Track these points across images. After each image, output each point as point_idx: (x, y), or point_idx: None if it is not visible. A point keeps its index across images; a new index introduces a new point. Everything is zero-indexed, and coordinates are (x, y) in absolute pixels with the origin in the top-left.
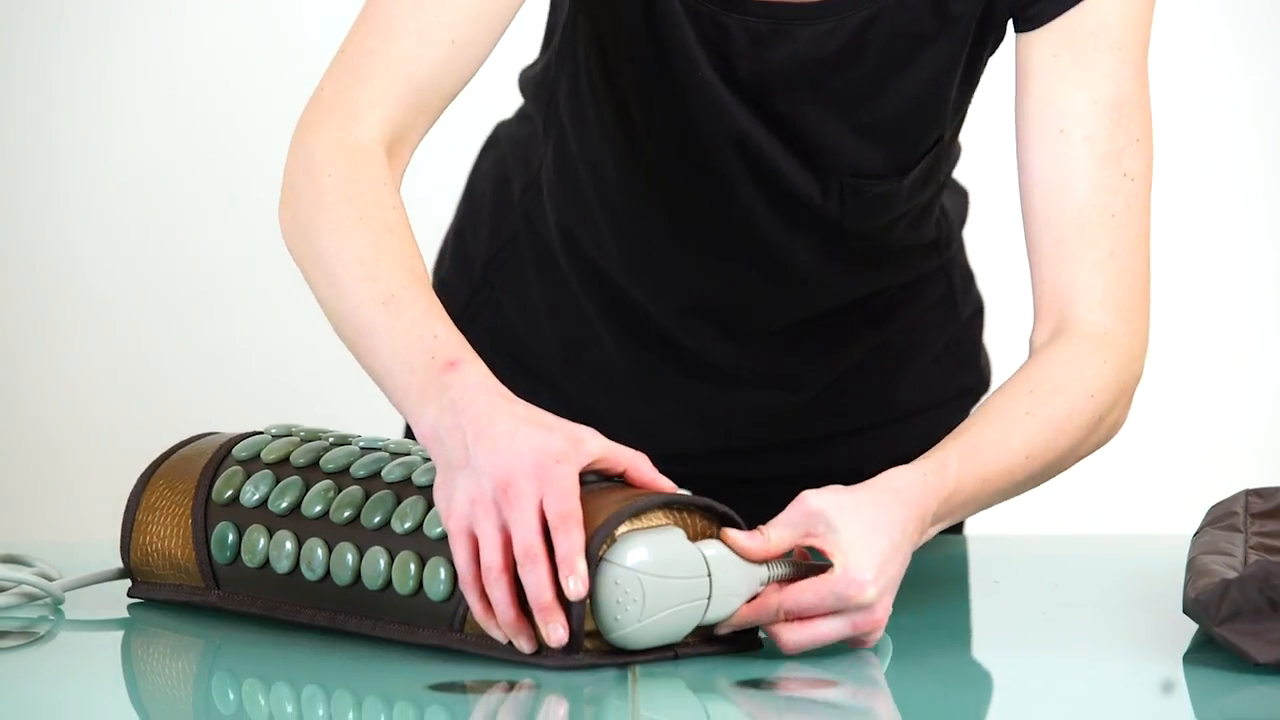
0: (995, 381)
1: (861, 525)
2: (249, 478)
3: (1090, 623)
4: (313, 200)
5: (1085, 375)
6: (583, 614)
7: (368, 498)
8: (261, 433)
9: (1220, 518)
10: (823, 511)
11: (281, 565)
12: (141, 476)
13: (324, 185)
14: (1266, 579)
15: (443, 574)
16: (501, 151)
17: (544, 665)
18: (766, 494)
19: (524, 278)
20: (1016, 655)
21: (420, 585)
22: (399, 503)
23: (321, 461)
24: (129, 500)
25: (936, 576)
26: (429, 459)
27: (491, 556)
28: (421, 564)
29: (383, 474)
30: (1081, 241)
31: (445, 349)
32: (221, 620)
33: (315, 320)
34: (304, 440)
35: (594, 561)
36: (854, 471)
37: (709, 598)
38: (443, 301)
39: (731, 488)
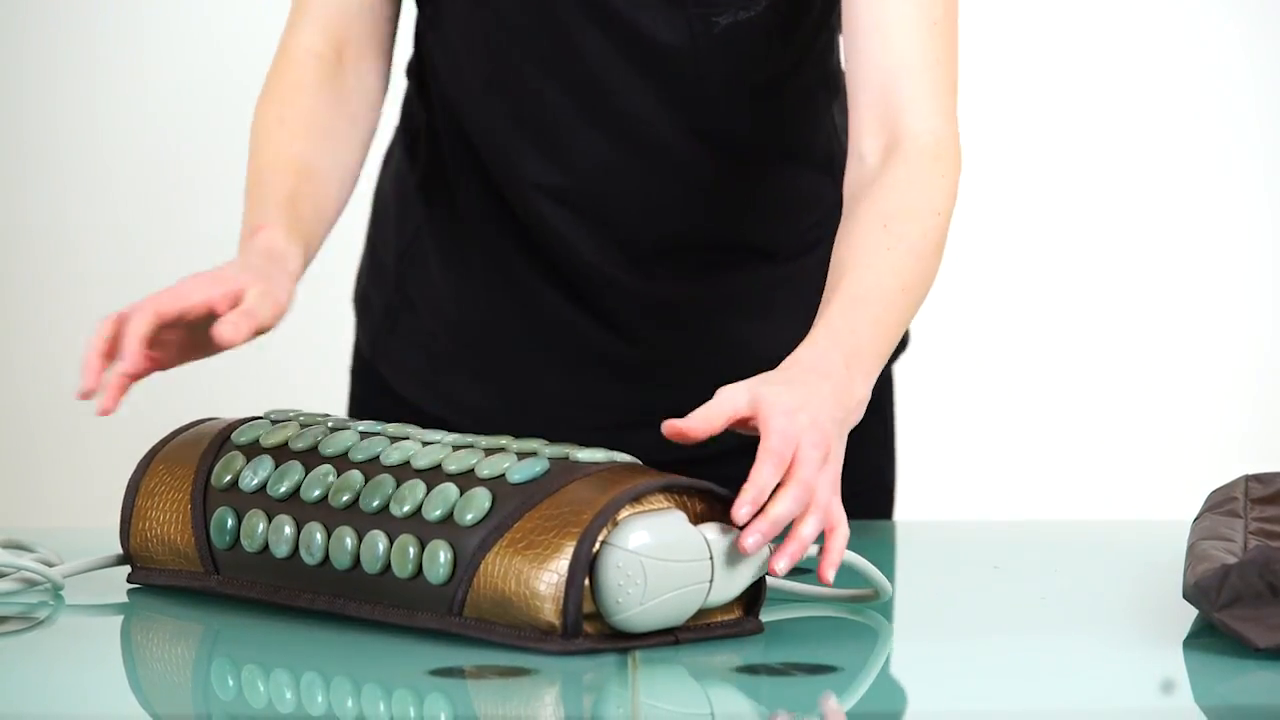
0: (912, 348)
1: (781, 390)
2: (248, 463)
3: (1090, 608)
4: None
5: (930, 195)
6: (580, 599)
7: (366, 481)
8: (260, 418)
9: (1220, 503)
10: (743, 390)
11: (280, 550)
12: (141, 462)
13: (262, 90)
14: (1266, 564)
15: (442, 558)
16: (395, 154)
17: (544, 650)
18: (722, 473)
19: (431, 269)
20: (1016, 640)
21: (419, 569)
22: (398, 486)
23: (320, 446)
24: (128, 486)
25: (936, 561)
26: (429, 442)
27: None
28: (421, 547)
29: (381, 458)
30: (908, 48)
31: (255, 217)
32: (220, 605)
33: (309, 311)
34: (303, 426)
35: (595, 545)
36: None
37: (711, 580)
38: (362, 314)
39: (678, 469)
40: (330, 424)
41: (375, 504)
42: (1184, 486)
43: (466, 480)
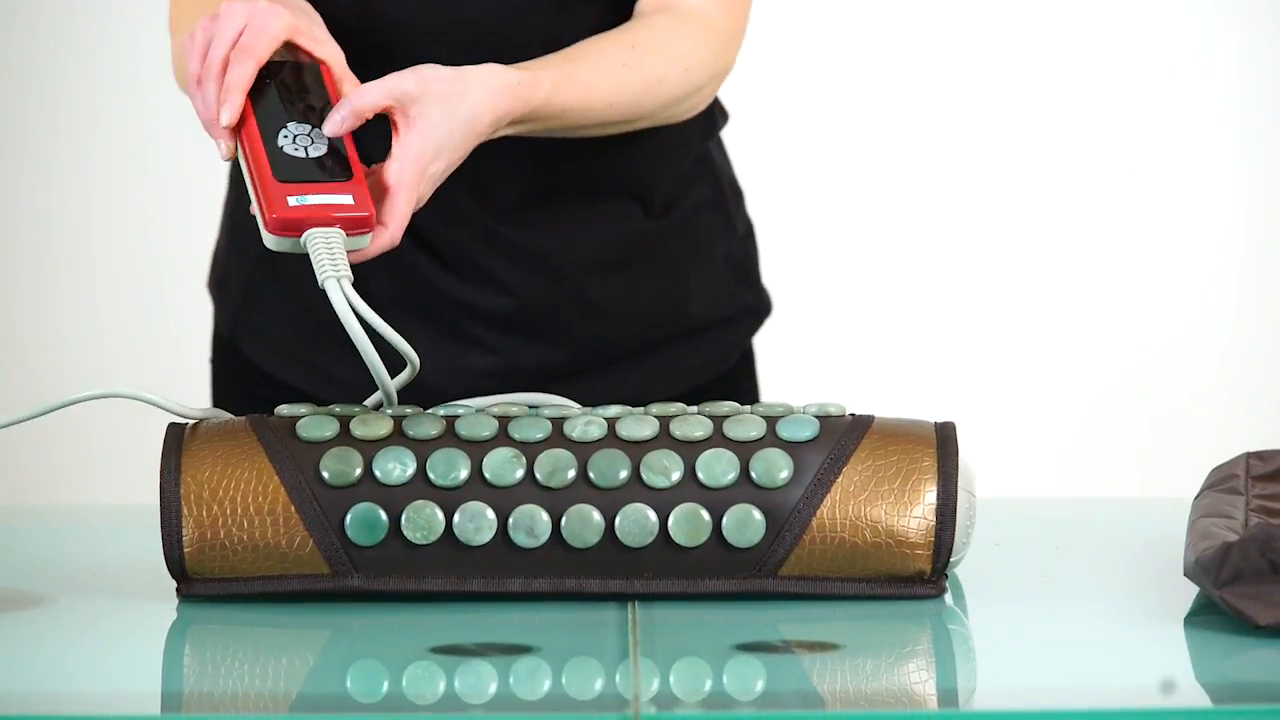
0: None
1: (441, 112)
2: (374, 456)
3: (1091, 586)
4: None
5: (685, 50)
6: (951, 541)
7: (579, 458)
8: (298, 414)
9: (1221, 480)
10: (415, 87)
11: (480, 537)
12: (168, 475)
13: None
14: (1267, 541)
15: (755, 518)
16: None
17: (916, 595)
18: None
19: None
20: (1017, 618)
21: (715, 534)
22: (633, 458)
23: (458, 429)
24: (164, 501)
25: None
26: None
27: (191, 64)
28: (713, 512)
29: (566, 432)
30: None
31: None
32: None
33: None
34: (394, 415)
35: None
36: (649, 394)
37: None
38: (221, 296)
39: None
40: (408, 410)
41: (622, 476)
42: (1185, 464)
43: (724, 443)
